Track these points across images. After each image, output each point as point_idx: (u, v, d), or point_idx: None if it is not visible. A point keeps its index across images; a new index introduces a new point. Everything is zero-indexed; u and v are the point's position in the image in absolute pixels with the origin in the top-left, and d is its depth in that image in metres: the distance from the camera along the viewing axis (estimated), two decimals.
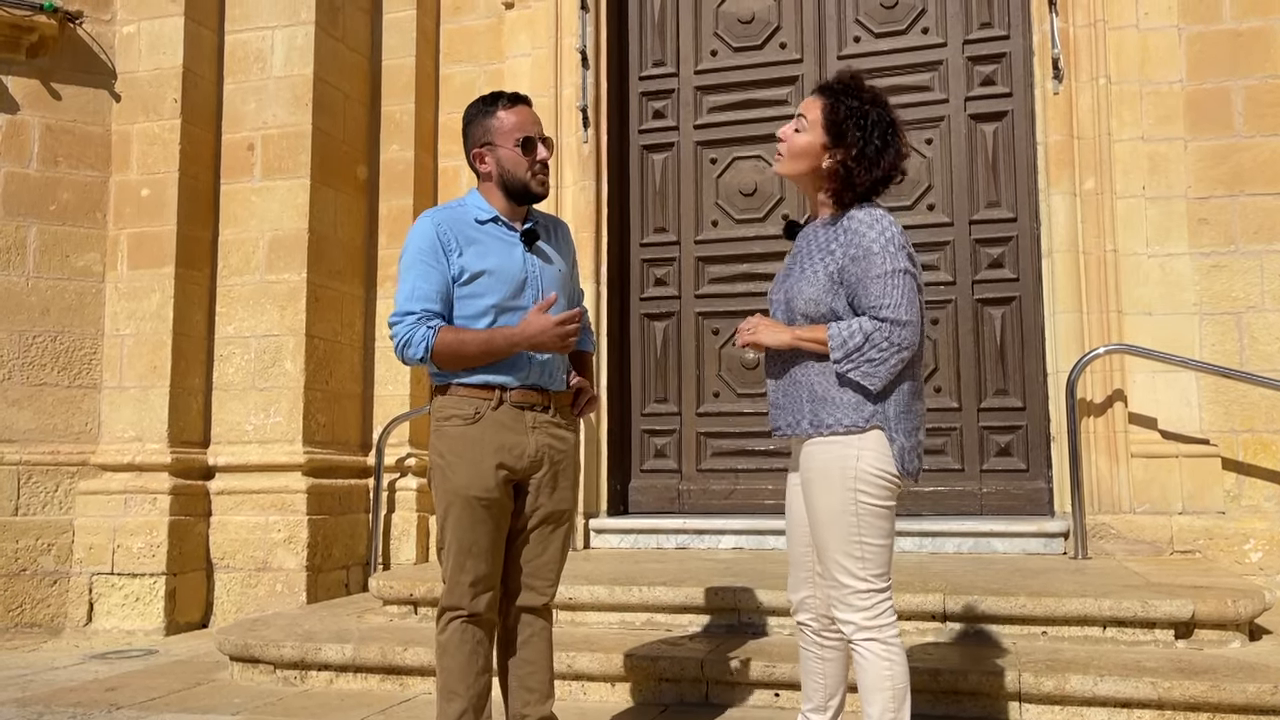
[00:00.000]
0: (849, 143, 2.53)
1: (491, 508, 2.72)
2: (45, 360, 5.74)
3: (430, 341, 2.67)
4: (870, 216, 2.51)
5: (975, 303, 5.71)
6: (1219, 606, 3.68)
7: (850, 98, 2.56)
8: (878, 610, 2.47)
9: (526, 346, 2.69)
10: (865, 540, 2.47)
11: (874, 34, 6.00)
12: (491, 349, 2.69)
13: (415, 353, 2.68)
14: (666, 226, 6.25)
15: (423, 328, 2.68)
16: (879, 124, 2.55)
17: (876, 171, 2.54)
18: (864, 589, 2.46)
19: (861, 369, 2.45)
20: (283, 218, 5.86)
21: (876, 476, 2.48)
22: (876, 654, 2.44)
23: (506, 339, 2.69)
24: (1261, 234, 5.16)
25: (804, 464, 2.56)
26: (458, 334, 2.69)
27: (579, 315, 2.72)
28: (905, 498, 5.63)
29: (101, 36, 6.00)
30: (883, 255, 2.45)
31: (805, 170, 2.60)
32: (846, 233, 2.51)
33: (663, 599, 4.17)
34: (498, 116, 2.82)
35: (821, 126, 2.56)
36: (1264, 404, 5.06)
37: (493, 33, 6.42)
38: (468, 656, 2.70)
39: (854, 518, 2.47)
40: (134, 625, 5.42)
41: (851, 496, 2.47)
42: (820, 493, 2.51)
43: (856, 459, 2.47)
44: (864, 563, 2.47)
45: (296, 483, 5.64)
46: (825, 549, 2.51)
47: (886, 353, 2.44)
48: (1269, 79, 5.21)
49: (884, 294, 2.43)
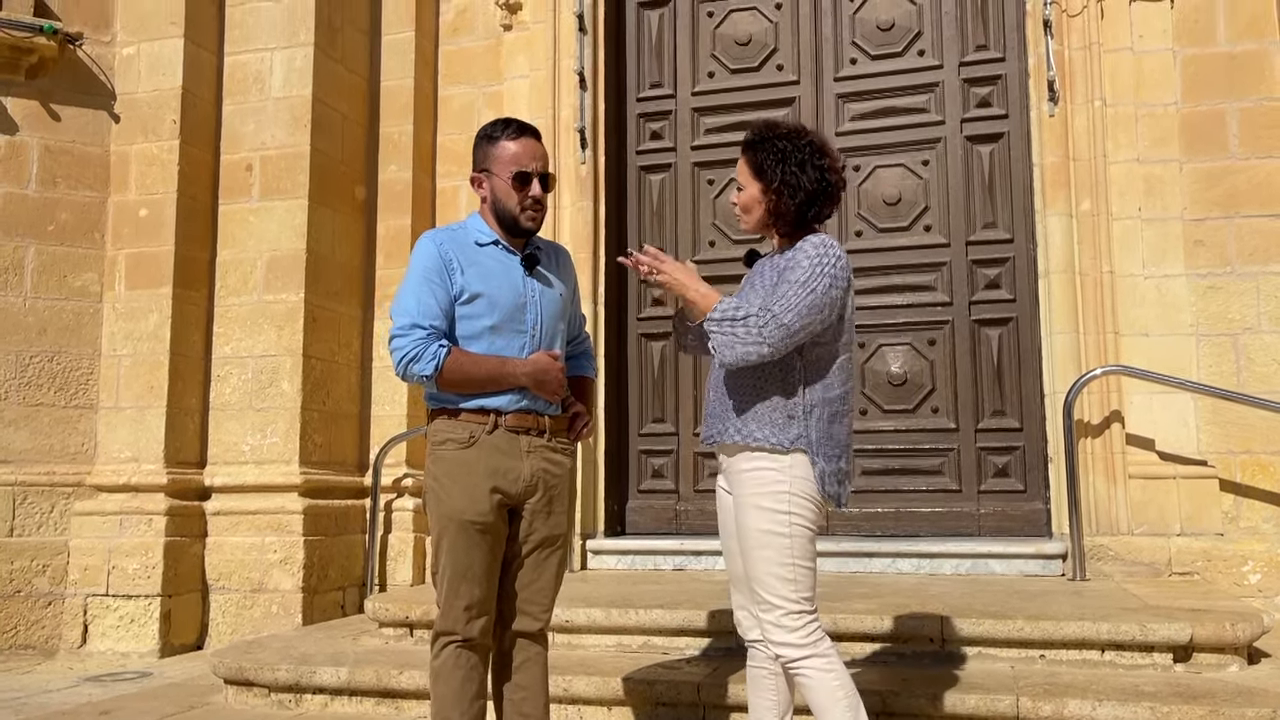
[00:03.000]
0: (770, 179, 2.67)
1: (486, 532, 2.71)
2: (42, 380, 5.73)
3: (441, 360, 2.65)
4: (820, 242, 2.62)
5: (972, 323, 5.72)
6: (1217, 630, 3.67)
7: (764, 143, 2.70)
8: (809, 629, 2.51)
9: (528, 383, 2.72)
10: (797, 562, 2.52)
11: (870, 56, 6.03)
12: (498, 378, 2.70)
13: (423, 368, 2.64)
14: (664, 247, 6.24)
15: (434, 344, 2.66)
16: (794, 152, 2.66)
17: (800, 195, 2.65)
18: (795, 610, 2.50)
19: (720, 338, 2.54)
20: (280, 238, 5.86)
21: (806, 498, 2.55)
22: (821, 669, 2.48)
23: (513, 371, 2.70)
24: (1257, 255, 5.17)
25: (735, 484, 2.62)
26: (470, 357, 2.69)
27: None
28: (904, 519, 5.64)
29: (101, 58, 6.02)
30: (807, 271, 2.55)
31: (759, 219, 2.73)
32: (796, 253, 2.63)
33: (660, 621, 4.15)
34: (500, 145, 2.79)
35: (752, 177, 2.71)
36: (1261, 425, 5.06)
37: (491, 54, 6.45)
38: (461, 683, 2.69)
39: (788, 539, 2.52)
40: (129, 647, 5.39)
41: (785, 519, 2.52)
42: (753, 513, 2.55)
43: (790, 480, 2.54)
44: (795, 584, 2.51)
45: (293, 503, 5.63)
46: (757, 569, 2.53)
47: (748, 338, 2.50)
48: (1264, 101, 5.24)
49: (784, 296, 2.53)
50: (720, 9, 6.32)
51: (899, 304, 5.81)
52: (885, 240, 5.89)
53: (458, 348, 2.71)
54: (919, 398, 5.75)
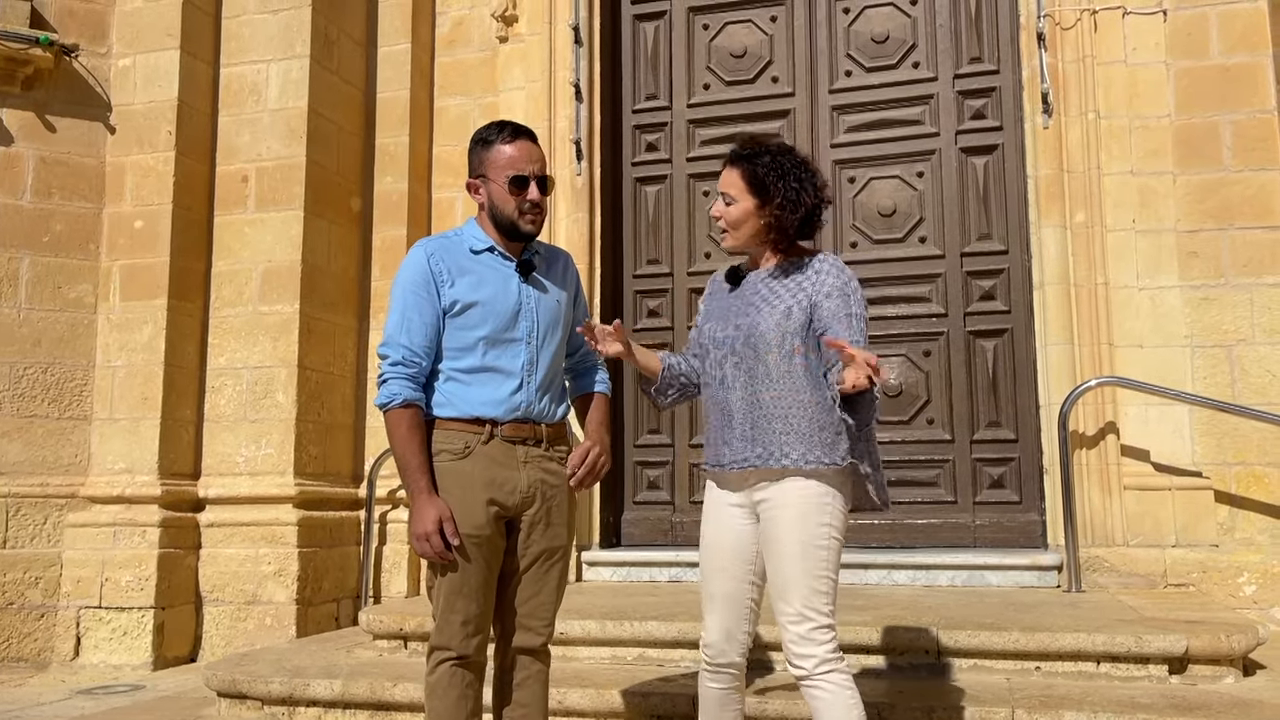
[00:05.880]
0: (773, 194, 2.66)
1: (482, 546, 2.66)
2: (36, 392, 5.72)
3: (392, 406, 2.62)
4: (836, 262, 2.69)
5: (967, 335, 5.73)
6: (1213, 642, 3.66)
7: (759, 156, 2.69)
8: (835, 643, 2.52)
9: (411, 525, 2.62)
10: (830, 575, 2.55)
11: (865, 68, 6.05)
12: (404, 470, 2.64)
13: (381, 400, 2.66)
14: (659, 258, 6.26)
15: (408, 390, 2.64)
16: (793, 168, 2.68)
17: (801, 210, 2.67)
18: (825, 624, 2.51)
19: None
20: (276, 249, 5.86)
21: (844, 513, 2.61)
22: (839, 685, 2.48)
23: (417, 492, 2.61)
24: (1251, 267, 5.18)
25: (777, 503, 2.59)
26: (406, 434, 2.62)
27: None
28: (899, 531, 5.64)
29: (97, 69, 6.03)
30: (851, 297, 2.62)
31: (749, 235, 2.73)
32: (818, 274, 2.65)
33: (655, 634, 4.14)
34: (495, 149, 2.74)
35: (747, 191, 2.68)
36: (1256, 436, 5.06)
37: (487, 66, 6.46)
38: (456, 701, 2.65)
39: (827, 552, 2.54)
40: (121, 660, 5.37)
41: (827, 531, 2.55)
42: (799, 527, 2.55)
43: (834, 496, 2.58)
44: (828, 598, 2.54)
45: (287, 515, 5.61)
46: (799, 583, 2.52)
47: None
48: (1257, 114, 5.26)
49: (855, 330, 2.59)
50: (715, 21, 6.34)
51: (894, 315, 5.82)
52: (880, 252, 5.90)
53: (418, 408, 2.65)
54: (914, 409, 5.75)
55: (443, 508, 2.60)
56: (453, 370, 2.71)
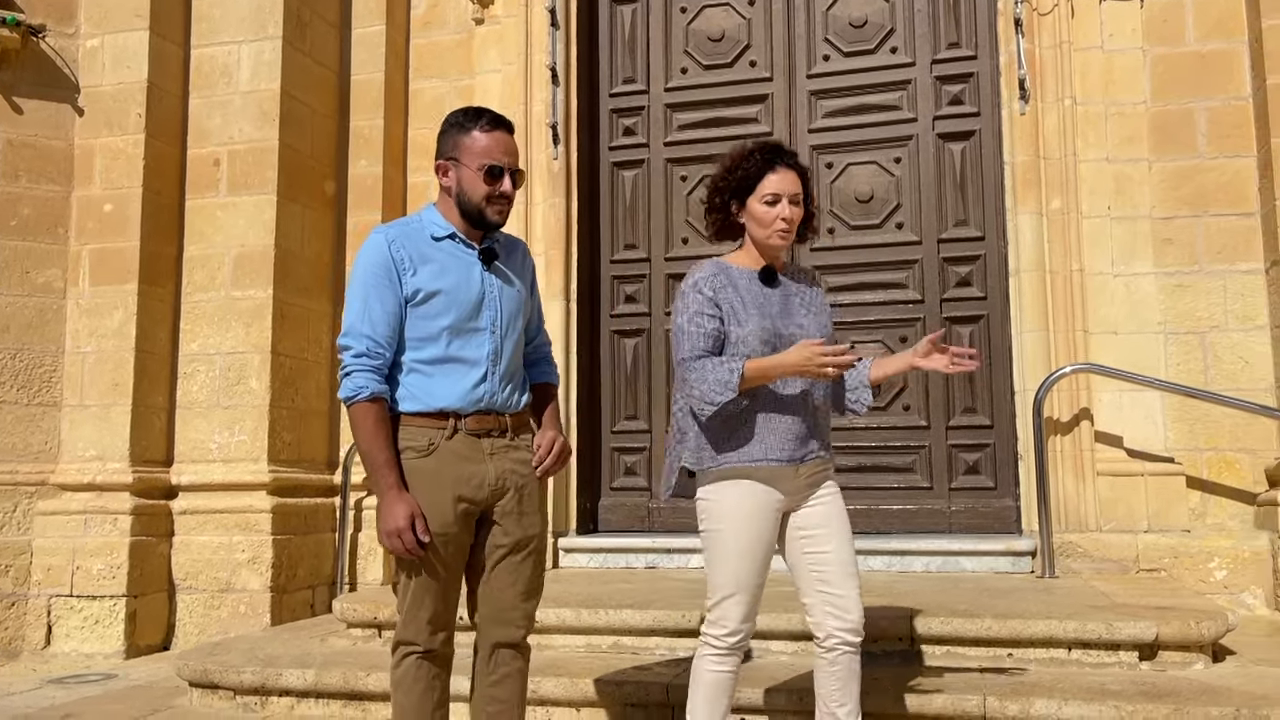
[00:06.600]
0: (809, 197, 2.91)
1: (449, 544, 2.62)
2: (4, 378, 5.64)
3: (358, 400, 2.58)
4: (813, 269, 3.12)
5: (943, 321, 5.73)
6: (1182, 628, 3.69)
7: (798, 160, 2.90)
8: None
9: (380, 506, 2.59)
10: None
11: (843, 53, 6.03)
12: (370, 465, 2.59)
13: (346, 393, 2.60)
14: (637, 243, 6.23)
15: (374, 383, 2.59)
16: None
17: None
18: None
19: None
20: (249, 233, 5.79)
21: None
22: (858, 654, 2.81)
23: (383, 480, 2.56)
24: (1224, 254, 5.21)
25: (832, 486, 2.89)
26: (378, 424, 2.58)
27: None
28: (875, 517, 5.66)
29: (65, 50, 5.92)
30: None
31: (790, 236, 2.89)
32: (815, 283, 2.99)
33: (630, 621, 4.14)
34: (472, 135, 2.66)
35: (801, 195, 2.86)
36: (1227, 423, 5.10)
37: (463, 48, 6.39)
38: (421, 694, 2.63)
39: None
40: (93, 648, 5.33)
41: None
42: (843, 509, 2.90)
43: None
44: None
45: (261, 502, 5.57)
46: (851, 563, 2.85)
47: None
48: (1232, 100, 5.27)
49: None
50: (693, 5, 6.29)
51: (870, 301, 5.82)
52: (857, 238, 5.89)
53: (379, 406, 2.60)
54: (890, 395, 5.75)
55: (412, 503, 2.56)
56: (415, 361, 2.65)
